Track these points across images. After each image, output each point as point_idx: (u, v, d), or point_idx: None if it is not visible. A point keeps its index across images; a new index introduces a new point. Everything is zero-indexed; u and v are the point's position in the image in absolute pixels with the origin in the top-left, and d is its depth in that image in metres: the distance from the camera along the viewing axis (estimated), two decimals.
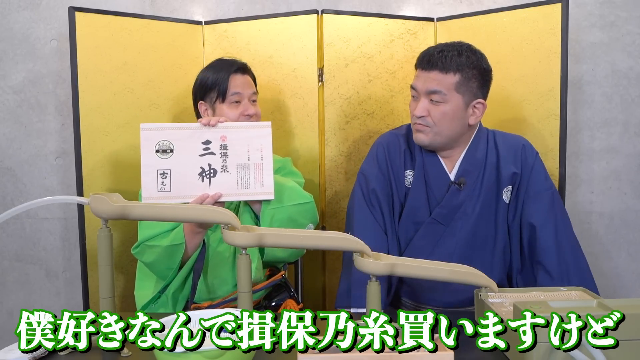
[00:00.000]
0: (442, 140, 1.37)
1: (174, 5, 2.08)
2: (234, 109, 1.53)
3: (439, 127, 1.34)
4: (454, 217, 1.39)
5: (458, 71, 1.31)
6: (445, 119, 1.33)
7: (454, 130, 1.36)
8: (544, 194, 1.39)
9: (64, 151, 2.11)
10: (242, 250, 1.02)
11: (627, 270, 2.12)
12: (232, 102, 1.53)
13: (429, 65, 1.32)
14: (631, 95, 2.06)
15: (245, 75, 1.58)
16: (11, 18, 2.07)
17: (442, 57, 1.31)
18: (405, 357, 0.86)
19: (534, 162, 1.41)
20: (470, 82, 1.33)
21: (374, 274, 1.04)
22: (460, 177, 1.39)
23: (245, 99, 1.55)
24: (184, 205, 1.25)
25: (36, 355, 0.92)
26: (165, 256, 1.42)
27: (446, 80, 1.31)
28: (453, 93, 1.32)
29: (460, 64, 1.31)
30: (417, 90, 1.36)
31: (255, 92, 1.59)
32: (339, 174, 1.90)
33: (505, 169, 1.39)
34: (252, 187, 1.33)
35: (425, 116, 1.33)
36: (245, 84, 1.56)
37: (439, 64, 1.31)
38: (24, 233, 2.15)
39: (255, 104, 1.58)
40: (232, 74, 1.54)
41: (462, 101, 1.33)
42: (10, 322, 2.16)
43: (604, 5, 2.03)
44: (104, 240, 1.00)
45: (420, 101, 1.34)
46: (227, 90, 1.53)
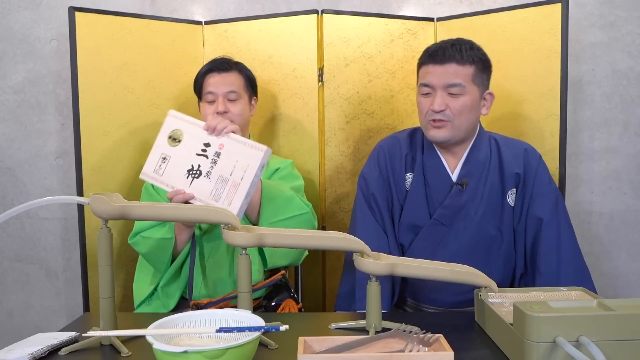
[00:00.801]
0: (461, 134, 1.36)
1: (174, 5, 2.08)
2: (208, 107, 1.57)
3: (458, 120, 1.34)
4: (456, 219, 1.39)
5: (473, 63, 1.33)
6: (465, 111, 1.33)
7: (470, 122, 1.37)
8: (549, 196, 1.39)
9: (64, 151, 2.11)
10: (242, 251, 1.02)
11: (627, 270, 2.12)
12: (207, 101, 1.58)
13: (444, 59, 1.33)
14: (631, 95, 2.06)
15: (225, 74, 1.58)
16: (11, 18, 2.07)
17: (457, 50, 1.33)
18: (405, 357, 0.86)
19: (538, 166, 1.41)
20: (482, 74, 1.36)
21: (374, 274, 1.04)
22: (463, 178, 1.39)
23: (220, 97, 1.56)
24: (184, 205, 1.26)
25: (36, 355, 0.92)
26: (157, 249, 1.45)
27: (464, 72, 1.32)
28: (471, 85, 1.33)
29: (474, 56, 1.34)
30: (433, 85, 1.34)
31: (233, 90, 1.57)
32: (339, 174, 1.90)
33: (508, 170, 1.39)
34: (221, 202, 1.31)
35: (444, 110, 1.33)
36: (221, 82, 1.57)
37: (457, 57, 1.32)
38: (24, 233, 2.15)
39: (234, 102, 1.57)
40: (208, 73, 1.59)
41: (478, 92, 1.35)
42: (10, 322, 2.16)
43: (604, 5, 2.03)
44: (104, 240, 1.00)
45: (437, 95, 1.33)
46: (202, 89, 1.59)
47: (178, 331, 0.86)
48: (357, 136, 1.91)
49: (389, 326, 1.03)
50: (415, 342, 0.91)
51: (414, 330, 0.94)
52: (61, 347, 0.97)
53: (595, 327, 0.82)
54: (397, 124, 1.94)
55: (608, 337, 0.82)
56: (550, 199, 1.38)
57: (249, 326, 0.83)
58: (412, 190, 1.43)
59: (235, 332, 0.84)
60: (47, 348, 0.95)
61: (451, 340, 0.89)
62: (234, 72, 1.60)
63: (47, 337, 1.00)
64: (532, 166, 1.40)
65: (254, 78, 1.68)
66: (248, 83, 1.63)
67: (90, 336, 0.98)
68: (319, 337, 0.92)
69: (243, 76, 1.62)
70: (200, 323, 0.90)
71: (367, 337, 0.94)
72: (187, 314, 0.90)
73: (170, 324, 0.87)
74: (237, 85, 1.58)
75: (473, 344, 1.00)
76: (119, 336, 0.99)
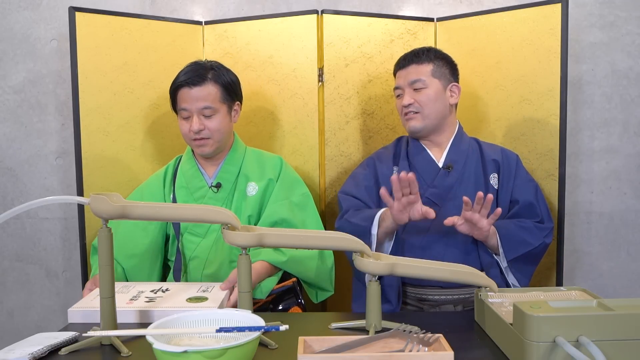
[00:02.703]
0: (432, 122, 1.55)
1: (174, 5, 2.08)
2: (184, 123, 1.52)
3: (426, 110, 1.54)
4: (446, 198, 1.52)
5: (430, 61, 1.56)
6: (430, 101, 1.54)
7: (439, 111, 1.56)
8: (528, 185, 1.57)
9: (64, 151, 2.11)
10: (242, 251, 1.02)
11: (627, 270, 2.12)
12: (182, 117, 1.53)
13: (405, 63, 1.58)
14: (631, 95, 2.06)
15: (198, 88, 1.48)
16: (11, 18, 2.07)
17: (415, 54, 1.58)
18: (405, 357, 0.86)
19: (517, 162, 1.59)
20: (442, 69, 1.57)
21: (374, 274, 1.04)
22: (449, 163, 1.55)
23: (194, 113, 1.48)
24: (184, 205, 1.27)
25: (36, 354, 0.92)
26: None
27: (423, 69, 1.56)
28: (431, 79, 1.55)
29: (429, 56, 1.57)
30: (401, 86, 1.58)
31: (208, 105, 1.48)
32: (339, 174, 1.90)
33: (487, 157, 1.58)
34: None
35: (412, 103, 1.55)
36: (194, 98, 1.47)
37: (415, 59, 1.57)
38: (24, 233, 2.15)
39: (210, 118, 1.49)
40: (179, 89, 1.50)
41: (440, 84, 1.56)
42: (10, 322, 2.16)
43: (603, 5, 2.03)
44: (104, 240, 1.00)
45: (405, 94, 1.56)
46: (175, 104, 1.54)
47: (178, 331, 0.86)
48: (357, 136, 1.91)
49: (389, 326, 1.03)
50: (415, 342, 0.91)
51: (414, 330, 0.94)
52: (61, 347, 0.97)
53: (595, 327, 0.82)
54: (397, 124, 1.94)
55: (608, 337, 0.82)
56: (530, 187, 1.56)
57: (249, 326, 0.83)
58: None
59: (235, 332, 0.84)
60: (47, 348, 0.95)
61: (451, 340, 0.89)
62: (208, 84, 1.49)
63: (47, 337, 1.00)
64: (511, 158, 1.59)
65: (236, 81, 1.57)
66: (226, 93, 1.52)
67: (90, 336, 0.98)
68: (319, 337, 0.92)
69: (219, 86, 1.50)
70: (200, 323, 0.90)
71: (367, 337, 0.94)
72: (187, 314, 0.90)
73: (170, 324, 0.87)
74: (212, 99, 1.49)
75: (473, 344, 1.00)
76: (119, 336, 0.99)
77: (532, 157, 1.78)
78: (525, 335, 0.84)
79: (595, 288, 2.09)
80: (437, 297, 1.48)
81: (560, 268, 1.76)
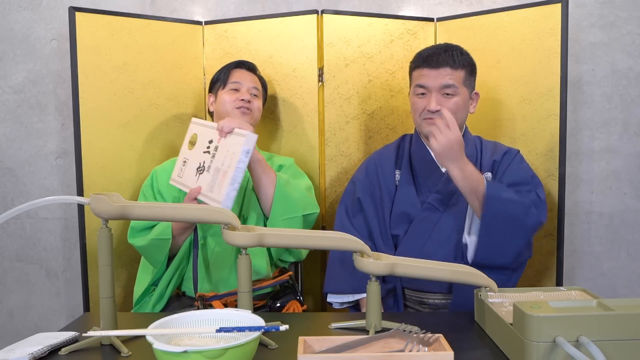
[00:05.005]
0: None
1: (174, 5, 2.08)
2: (231, 94, 1.62)
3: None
4: (449, 203, 1.49)
5: (464, 67, 1.47)
6: (458, 111, 1.46)
7: (461, 120, 1.50)
8: (523, 170, 1.49)
9: (64, 151, 2.11)
10: (242, 250, 1.02)
11: (627, 270, 2.12)
12: (231, 89, 1.63)
13: (439, 64, 1.46)
14: (631, 95, 2.06)
15: (250, 73, 1.69)
16: (11, 18, 2.07)
17: (450, 56, 1.46)
18: (405, 357, 0.86)
19: (515, 156, 1.52)
20: (470, 77, 1.51)
21: (374, 274, 1.04)
22: None
23: (244, 88, 1.64)
24: (184, 205, 1.26)
25: (36, 354, 0.92)
26: (153, 247, 1.48)
27: (457, 75, 1.46)
28: (462, 86, 1.47)
29: (464, 61, 1.48)
30: (428, 87, 1.47)
31: (256, 87, 1.67)
32: (339, 174, 1.90)
33: (486, 156, 1.52)
34: (214, 192, 1.32)
35: (440, 109, 1.43)
36: (247, 77, 1.67)
37: (450, 62, 1.45)
38: (24, 233, 2.15)
39: (255, 97, 1.65)
40: (235, 67, 1.68)
41: (468, 93, 1.50)
42: (10, 322, 2.16)
43: (604, 5, 2.03)
44: (104, 240, 1.00)
45: (432, 96, 1.46)
46: (227, 79, 1.65)
47: (178, 331, 0.86)
48: (357, 136, 1.91)
49: (389, 326, 1.03)
50: (415, 342, 0.91)
51: (414, 330, 0.94)
52: (61, 347, 0.97)
53: (595, 327, 0.82)
54: (397, 124, 1.94)
55: (608, 337, 0.82)
56: (524, 169, 1.49)
57: (249, 326, 0.83)
58: (401, 182, 1.55)
59: (235, 332, 0.84)
60: (47, 348, 0.95)
61: (451, 340, 0.89)
62: (257, 76, 1.71)
63: (48, 337, 1.00)
64: (510, 153, 1.52)
65: (267, 87, 1.79)
66: (263, 89, 1.74)
67: (91, 336, 0.98)
68: (319, 337, 0.92)
69: (262, 83, 1.73)
70: (200, 323, 0.90)
71: (367, 337, 0.94)
72: (187, 314, 0.90)
73: (170, 324, 0.87)
74: (258, 85, 1.70)
75: (473, 344, 1.00)
76: (119, 336, 0.99)
77: (532, 157, 1.78)
78: (525, 335, 0.84)
79: (595, 288, 2.09)
80: (437, 302, 1.47)
81: (560, 268, 1.76)
